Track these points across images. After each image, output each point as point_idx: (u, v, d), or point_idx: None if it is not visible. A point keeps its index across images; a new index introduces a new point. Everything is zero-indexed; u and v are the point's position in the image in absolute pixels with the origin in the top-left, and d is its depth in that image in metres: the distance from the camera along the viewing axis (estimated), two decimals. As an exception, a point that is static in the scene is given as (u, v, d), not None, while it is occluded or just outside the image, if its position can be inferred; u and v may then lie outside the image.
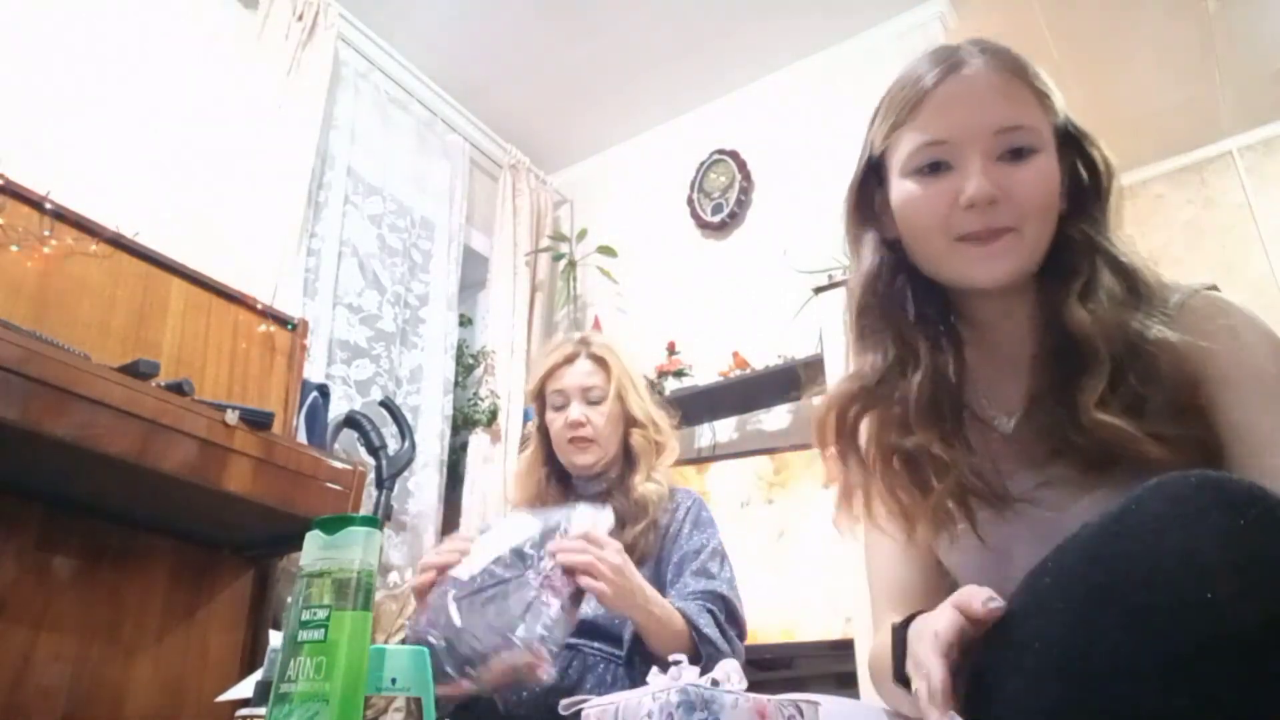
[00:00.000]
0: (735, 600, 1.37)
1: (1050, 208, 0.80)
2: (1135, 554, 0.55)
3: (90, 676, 1.58)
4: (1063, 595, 0.57)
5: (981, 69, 0.81)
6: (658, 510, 1.43)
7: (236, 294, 2.01)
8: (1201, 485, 0.55)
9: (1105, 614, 0.54)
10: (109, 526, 1.66)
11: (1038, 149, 0.80)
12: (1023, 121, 0.80)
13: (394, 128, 3.04)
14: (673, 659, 0.76)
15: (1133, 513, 0.56)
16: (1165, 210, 3.64)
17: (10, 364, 1.29)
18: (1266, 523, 0.52)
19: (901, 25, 2.97)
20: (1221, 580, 0.51)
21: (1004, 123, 0.79)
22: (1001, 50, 0.84)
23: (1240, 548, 0.51)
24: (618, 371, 1.50)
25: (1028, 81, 0.82)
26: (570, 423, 1.47)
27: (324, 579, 0.66)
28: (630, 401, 1.50)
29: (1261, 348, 0.76)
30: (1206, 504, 0.54)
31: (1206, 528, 0.53)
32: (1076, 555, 0.58)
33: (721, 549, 1.44)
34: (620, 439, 1.50)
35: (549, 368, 1.53)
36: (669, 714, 0.68)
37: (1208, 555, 0.52)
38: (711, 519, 1.48)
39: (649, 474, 1.47)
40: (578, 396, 1.49)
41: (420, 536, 2.63)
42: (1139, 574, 0.54)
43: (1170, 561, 0.53)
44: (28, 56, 2.08)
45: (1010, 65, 0.82)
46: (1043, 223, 0.80)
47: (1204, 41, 3.04)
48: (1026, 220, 0.79)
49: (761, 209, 3.13)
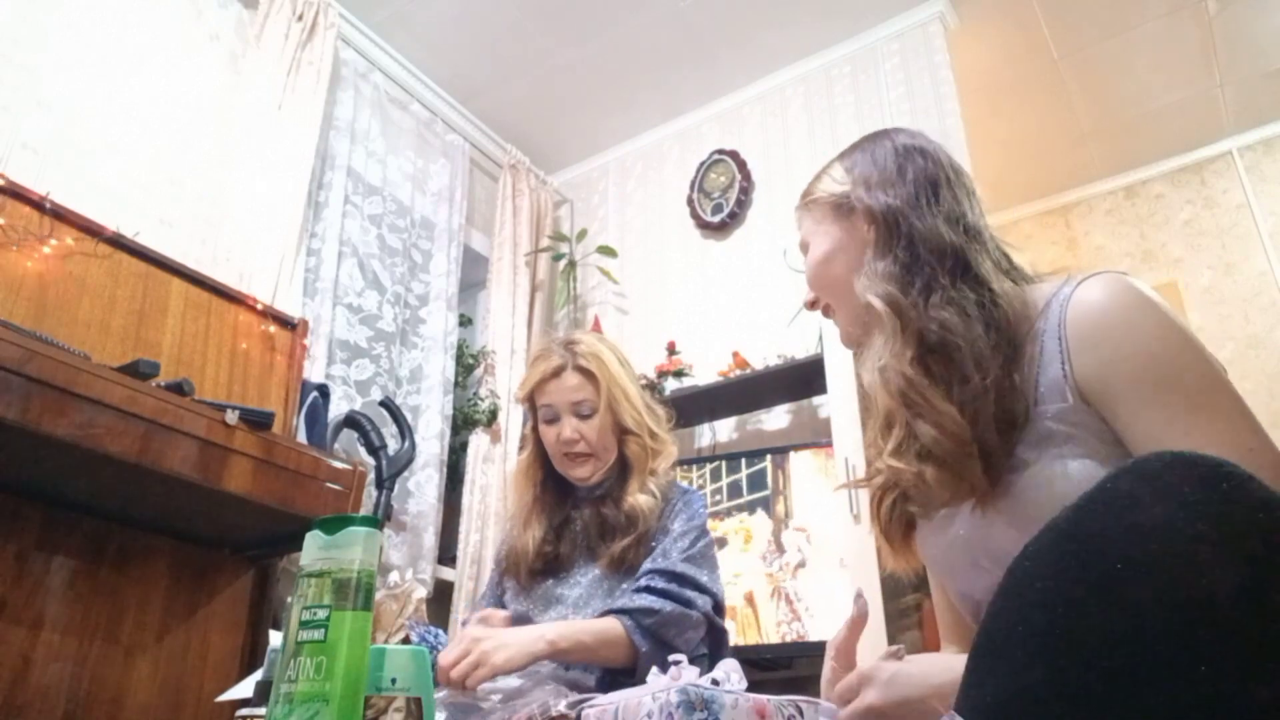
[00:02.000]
0: (691, 570, 1.34)
1: (835, 282, 0.97)
2: (1110, 530, 0.56)
3: (90, 676, 1.58)
4: (1041, 576, 0.58)
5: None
6: (649, 522, 1.40)
7: (236, 294, 2.01)
8: (1172, 462, 0.57)
9: (1084, 590, 0.55)
10: (109, 526, 1.66)
11: (810, 245, 1.01)
12: (800, 241, 1.03)
13: (394, 128, 3.04)
14: (673, 659, 0.76)
15: (1106, 491, 0.58)
16: (1165, 210, 3.64)
17: (10, 364, 1.29)
18: (1238, 495, 0.53)
19: (901, 25, 2.97)
20: (1197, 551, 0.52)
21: (799, 247, 1.06)
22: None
23: (1213, 519, 0.53)
24: (606, 382, 1.46)
25: (801, 207, 1.04)
26: (564, 440, 1.45)
27: (324, 579, 0.66)
28: (622, 412, 1.47)
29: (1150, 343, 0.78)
30: (1178, 479, 0.55)
31: (1180, 501, 0.54)
32: (1053, 536, 0.59)
33: (693, 530, 1.41)
34: (616, 448, 1.48)
35: (536, 380, 1.49)
36: (669, 714, 0.68)
37: (1182, 527, 0.53)
38: (699, 512, 1.45)
39: (643, 483, 1.44)
40: (568, 411, 1.45)
41: (420, 536, 2.63)
42: (1115, 549, 0.55)
43: (1145, 535, 0.54)
44: (28, 56, 2.08)
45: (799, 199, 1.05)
46: (837, 295, 0.98)
47: (1204, 41, 3.04)
48: (827, 297, 0.99)
49: (761, 209, 3.13)
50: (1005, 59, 3.11)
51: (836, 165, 1.01)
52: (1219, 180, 3.54)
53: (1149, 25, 2.98)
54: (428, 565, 2.60)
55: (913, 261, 0.89)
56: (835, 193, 0.98)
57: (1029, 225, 3.91)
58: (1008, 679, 0.58)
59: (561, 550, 1.45)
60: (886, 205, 0.92)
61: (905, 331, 0.86)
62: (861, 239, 0.94)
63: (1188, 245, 3.55)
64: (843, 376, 2.27)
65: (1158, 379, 0.76)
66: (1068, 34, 3.01)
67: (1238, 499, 0.53)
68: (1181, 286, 3.47)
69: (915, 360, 0.84)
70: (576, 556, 1.44)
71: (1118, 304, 0.79)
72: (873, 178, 0.95)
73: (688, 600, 1.30)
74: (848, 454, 2.17)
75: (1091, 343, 0.79)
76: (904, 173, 0.94)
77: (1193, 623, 0.50)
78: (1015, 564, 0.61)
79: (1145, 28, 2.99)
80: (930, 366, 0.84)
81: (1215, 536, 0.52)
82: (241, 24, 2.64)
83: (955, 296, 0.85)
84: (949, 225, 0.90)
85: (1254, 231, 3.40)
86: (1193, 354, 0.77)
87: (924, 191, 0.92)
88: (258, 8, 2.62)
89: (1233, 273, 3.41)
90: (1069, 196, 3.84)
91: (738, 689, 0.74)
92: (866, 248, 0.93)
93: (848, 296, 0.95)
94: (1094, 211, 3.81)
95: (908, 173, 0.94)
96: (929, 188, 0.93)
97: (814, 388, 2.54)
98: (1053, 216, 3.89)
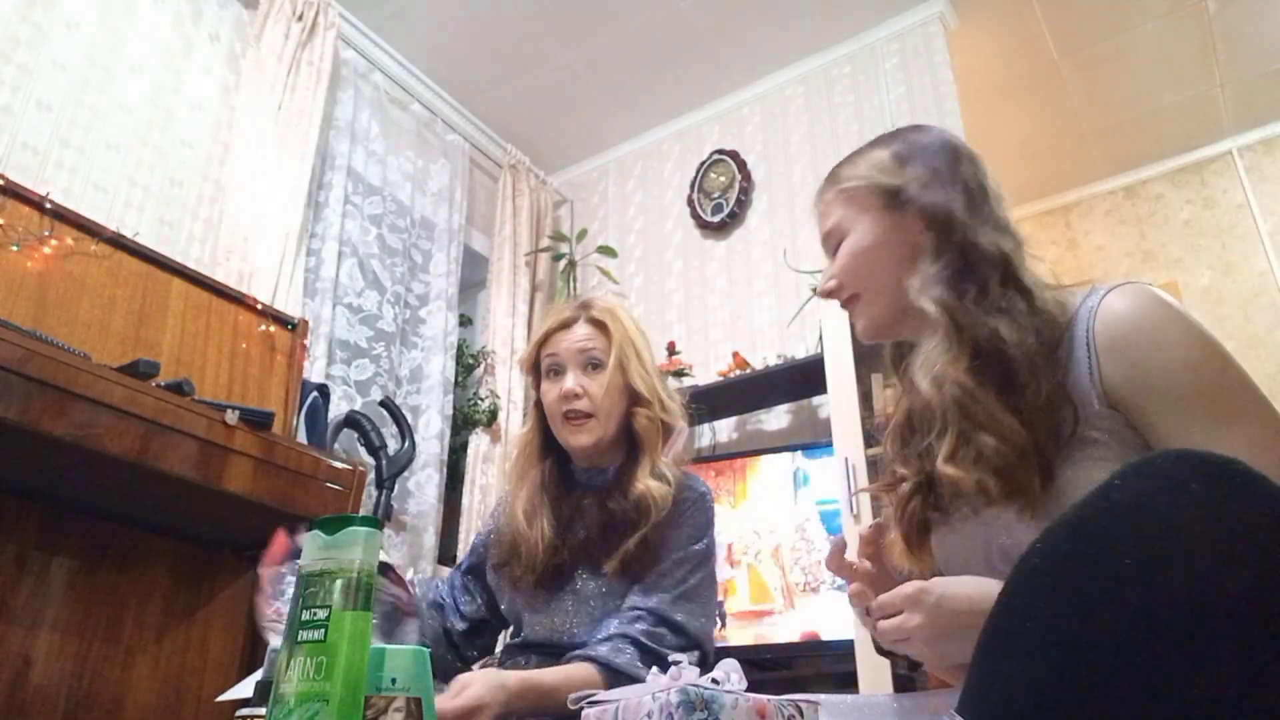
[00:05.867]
0: (681, 614, 1.21)
1: (874, 275, 0.95)
2: (1119, 527, 0.56)
3: (90, 676, 1.58)
4: (1050, 573, 0.58)
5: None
6: (661, 512, 1.23)
7: (236, 294, 2.01)
8: (1181, 459, 0.57)
9: (1092, 586, 0.55)
10: (109, 526, 1.66)
11: (848, 232, 0.97)
12: (829, 226, 0.99)
13: (394, 128, 3.04)
14: (672, 659, 0.76)
15: (1115, 488, 0.58)
16: (1165, 210, 3.64)
17: (10, 364, 1.29)
18: (1245, 492, 0.54)
19: (901, 25, 2.97)
20: (1204, 548, 0.52)
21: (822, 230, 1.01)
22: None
23: (1221, 516, 0.53)
24: (619, 337, 1.31)
25: (835, 190, 0.99)
26: (564, 393, 1.29)
27: (324, 579, 0.66)
28: (632, 371, 1.30)
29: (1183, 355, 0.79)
30: (1186, 477, 0.55)
31: (1188, 498, 0.54)
32: (1062, 534, 0.60)
33: (694, 556, 1.26)
34: (621, 418, 1.31)
35: (544, 333, 1.35)
36: (669, 714, 0.68)
37: (1190, 525, 0.53)
38: (705, 525, 1.30)
39: (654, 466, 1.27)
40: (574, 362, 1.31)
41: (420, 536, 2.63)
42: (1124, 546, 0.55)
43: (1153, 532, 0.54)
44: (28, 56, 2.08)
45: (825, 181, 1.02)
46: (874, 288, 0.96)
47: (1204, 41, 3.04)
48: (858, 288, 0.97)
49: (761, 209, 3.13)
50: (1005, 59, 3.11)
51: (882, 153, 0.97)
52: (1219, 180, 3.54)
53: (1149, 25, 2.98)
54: (428, 565, 2.60)
55: (966, 267, 0.89)
56: (885, 184, 0.95)
57: (1029, 225, 3.91)
58: (1013, 676, 0.57)
59: (569, 553, 1.29)
60: (945, 208, 0.91)
61: (961, 337, 0.85)
62: (913, 238, 0.92)
63: (1188, 245, 3.54)
64: (843, 376, 2.27)
65: (1187, 387, 0.77)
66: (1068, 34, 3.01)
67: (1245, 497, 0.53)
68: (1181, 286, 3.47)
69: (970, 368, 0.84)
70: (581, 557, 1.30)
71: (1146, 314, 0.80)
72: (927, 176, 0.93)
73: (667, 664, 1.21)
74: (848, 454, 2.17)
75: (1121, 352, 0.80)
76: (956, 175, 0.93)
77: (1199, 621, 0.51)
78: (1023, 561, 0.62)
79: (1145, 28, 2.99)
80: (985, 373, 0.84)
81: (1222, 535, 0.52)
82: (241, 24, 2.64)
83: (1006, 305, 0.86)
84: (998, 232, 0.91)
85: (1254, 231, 3.40)
86: (1221, 362, 0.78)
87: (977, 196, 0.93)
88: (258, 8, 2.62)
89: (1233, 273, 3.40)
90: (1069, 196, 3.85)
91: (738, 689, 0.74)
92: (919, 249, 0.92)
93: (888, 293, 0.94)
94: (1094, 211, 3.81)
95: (959, 175, 0.93)
96: (981, 192, 0.93)
97: (814, 388, 2.54)
98: (1053, 216, 3.89)
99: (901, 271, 0.92)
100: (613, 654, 1.15)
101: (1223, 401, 0.76)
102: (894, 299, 0.93)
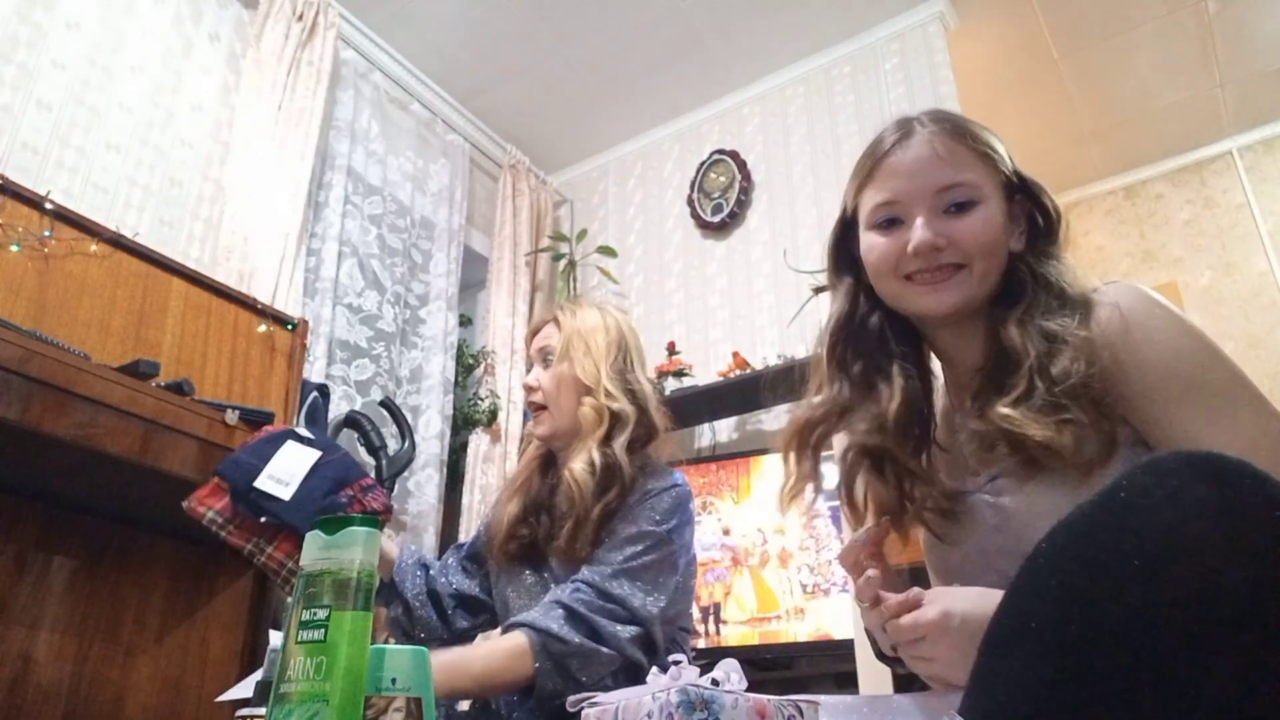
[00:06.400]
0: (624, 588, 1.20)
1: (993, 247, 0.91)
2: (1125, 528, 0.56)
3: (90, 676, 1.58)
4: (1056, 572, 0.58)
5: (927, 137, 0.92)
6: (586, 502, 1.24)
7: (236, 294, 2.01)
8: (1188, 461, 0.57)
9: (1097, 587, 0.55)
10: (109, 526, 1.66)
11: (978, 201, 0.90)
12: (962, 179, 0.91)
13: (394, 128, 3.04)
14: (672, 659, 0.76)
15: (1122, 489, 0.58)
16: (1165, 210, 3.64)
17: (10, 364, 1.29)
18: (1252, 494, 0.54)
19: (901, 25, 2.97)
20: (1210, 549, 0.52)
21: (945, 182, 0.90)
22: (950, 119, 0.95)
23: (1226, 517, 0.53)
24: (569, 330, 1.38)
25: (970, 145, 0.92)
26: (524, 386, 1.42)
27: (324, 579, 0.66)
28: (575, 360, 1.35)
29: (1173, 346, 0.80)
30: (1192, 478, 0.55)
31: (1194, 499, 0.54)
32: (1068, 534, 0.60)
33: (647, 536, 1.25)
34: (573, 409, 1.35)
35: (527, 335, 1.49)
36: (669, 714, 0.68)
37: (1195, 526, 0.53)
38: (674, 510, 1.28)
39: (587, 454, 1.28)
40: (536, 359, 1.43)
41: (420, 536, 2.63)
42: (1129, 547, 0.55)
43: (1159, 533, 0.54)
44: (28, 56, 2.08)
45: (954, 132, 0.93)
46: (988, 260, 0.91)
47: (1204, 41, 3.04)
48: (972, 259, 0.90)
49: (761, 209, 3.13)
50: (1005, 59, 3.11)
51: (992, 136, 0.95)
52: (1219, 180, 3.54)
53: (1149, 25, 2.98)
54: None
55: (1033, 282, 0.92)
56: (1007, 168, 0.94)
57: (1029, 225, 3.91)
58: (1016, 675, 0.58)
59: (538, 534, 1.35)
60: (1031, 207, 0.95)
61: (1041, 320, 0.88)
62: (1008, 225, 0.93)
63: (1188, 245, 3.55)
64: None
65: (1181, 378, 0.78)
66: (1068, 34, 3.01)
67: (1249, 497, 0.53)
68: (1181, 286, 3.47)
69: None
70: (549, 541, 1.34)
71: (1135, 310, 0.82)
72: (1013, 173, 0.95)
73: (602, 636, 1.17)
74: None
75: (1111, 349, 0.81)
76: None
77: (1203, 621, 0.51)
78: (1028, 561, 0.62)
79: (1145, 28, 2.99)
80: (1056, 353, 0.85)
81: (1226, 536, 0.52)
82: (241, 24, 2.64)
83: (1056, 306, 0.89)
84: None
85: (1254, 231, 3.40)
86: (1212, 354, 0.79)
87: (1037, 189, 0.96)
88: (258, 8, 2.62)
89: (1233, 273, 3.41)
90: (1069, 196, 3.85)
91: (738, 689, 0.74)
92: (1009, 235, 0.93)
93: (993, 275, 0.92)
94: (1094, 211, 3.81)
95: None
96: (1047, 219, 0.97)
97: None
98: (1053, 216, 3.89)
99: (1005, 251, 0.92)
100: (541, 616, 1.17)
101: (1217, 393, 0.77)
102: (991, 288, 0.92)
